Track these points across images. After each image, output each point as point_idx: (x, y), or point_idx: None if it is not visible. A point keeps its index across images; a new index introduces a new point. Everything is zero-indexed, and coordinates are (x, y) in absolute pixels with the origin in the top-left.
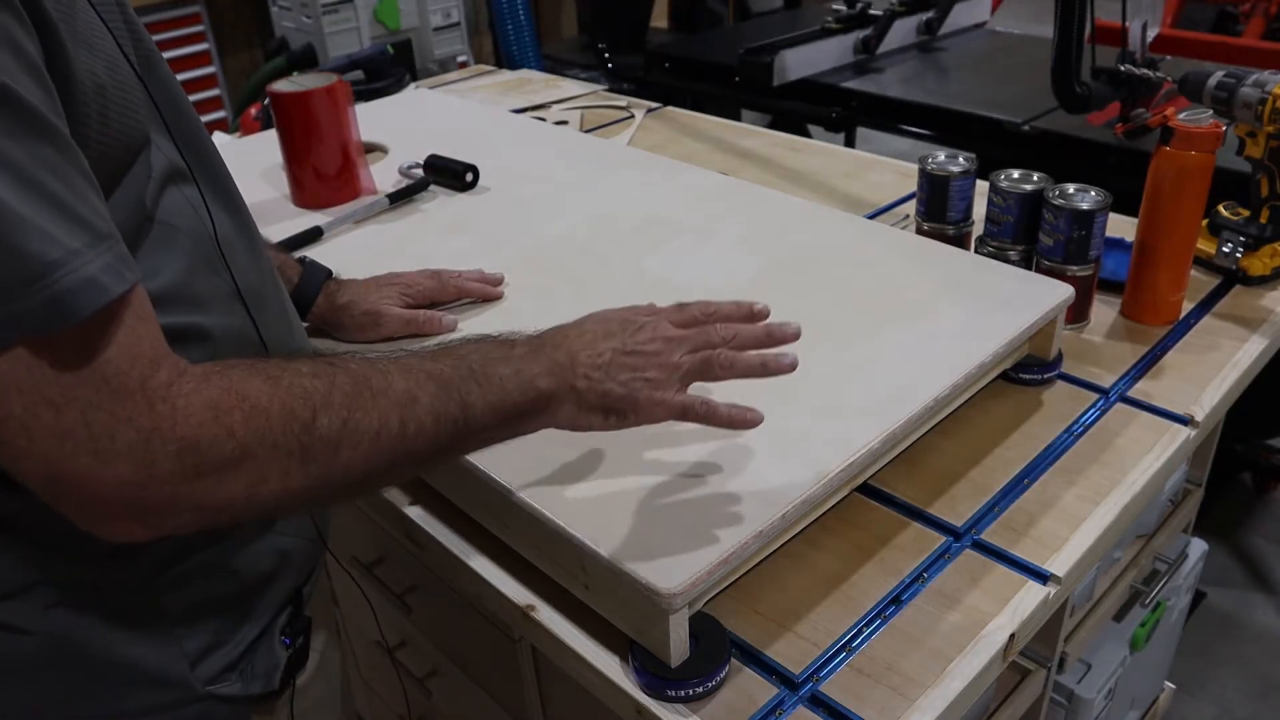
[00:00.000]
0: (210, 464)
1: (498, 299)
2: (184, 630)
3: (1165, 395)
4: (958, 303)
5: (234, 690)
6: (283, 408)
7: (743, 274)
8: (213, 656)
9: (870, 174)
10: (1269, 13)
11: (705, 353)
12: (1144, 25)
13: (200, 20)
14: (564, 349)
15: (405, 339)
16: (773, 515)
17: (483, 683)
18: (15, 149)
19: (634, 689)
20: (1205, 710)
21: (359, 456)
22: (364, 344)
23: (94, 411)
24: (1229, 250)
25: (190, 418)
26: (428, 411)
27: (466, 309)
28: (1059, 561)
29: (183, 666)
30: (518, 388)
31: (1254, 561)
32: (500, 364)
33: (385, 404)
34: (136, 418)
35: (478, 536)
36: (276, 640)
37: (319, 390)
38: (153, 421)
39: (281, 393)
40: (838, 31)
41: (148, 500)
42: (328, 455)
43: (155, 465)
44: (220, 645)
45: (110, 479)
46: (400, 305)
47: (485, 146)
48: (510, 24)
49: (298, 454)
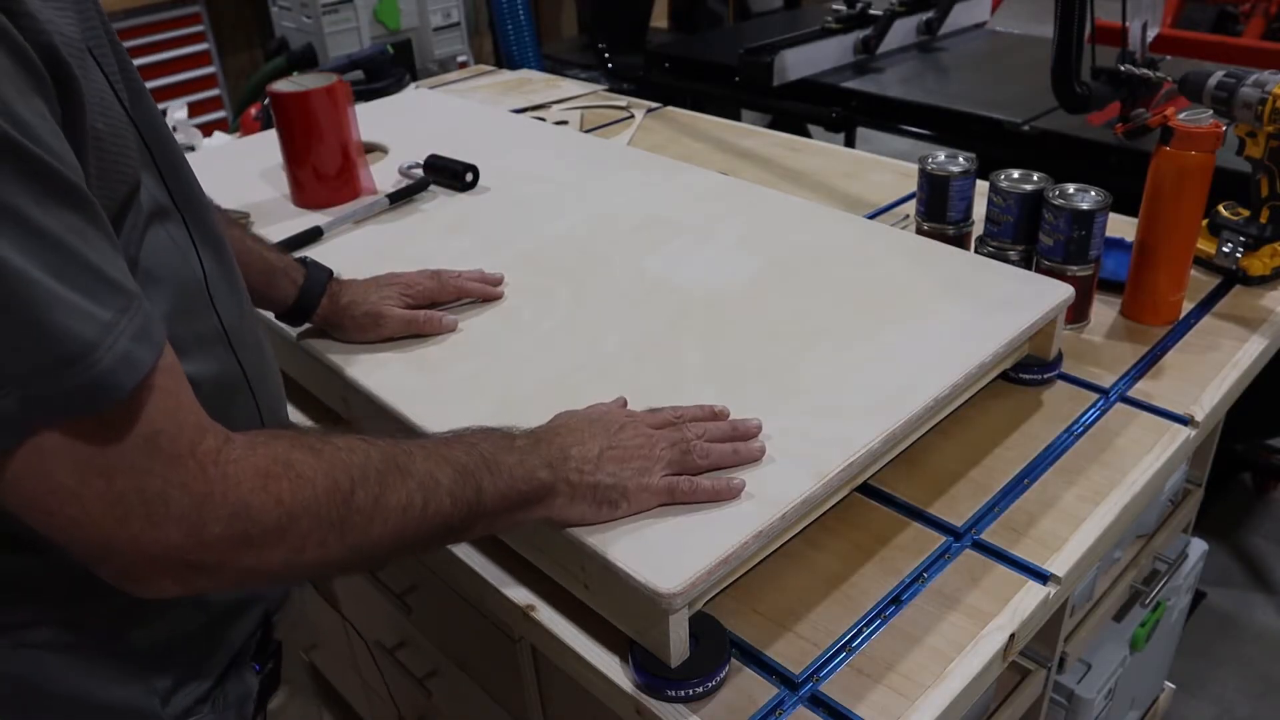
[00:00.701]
0: (259, 530)
1: (497, 299)
2: (154, 666)
3: (1165, 395)
4: (958, 303)
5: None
6: (326, 479)
7: (743, 274)
8: (183, 691)
9: (870, 174)
10: (1269, 13)
11: (683, 445)
12: (1144, 25)
13: (200, 20)
14: (557, 445)
15: (406, 338)
16: (773, 515)
17: (483, 683)
18: (47, 219)
19: (634, 689)
20: (1205, 710)
21: (388, 531)
22: (364, 343)
23: (147, 478)
24: (1229, 250)
25: (241, 484)
26: (447, 494)
27: (466, 309)
28: (1059, 561)
29: (154, 703)
30: (523, 478)
31: (1254, 561)
32: (506, 454)
33: (412, 484)
34: (190, 483)
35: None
36: (247, 668)
37: (357, 465)
38: (206, 487)
39: (324, 464)
40: (838, 31)
41: (195, 562)
42: (362, 528)
43: (206, 530)
44: (191, 679)
45: (162, 543)
46: (400, 305)
47: (485, 146)
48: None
49: (337, 525)
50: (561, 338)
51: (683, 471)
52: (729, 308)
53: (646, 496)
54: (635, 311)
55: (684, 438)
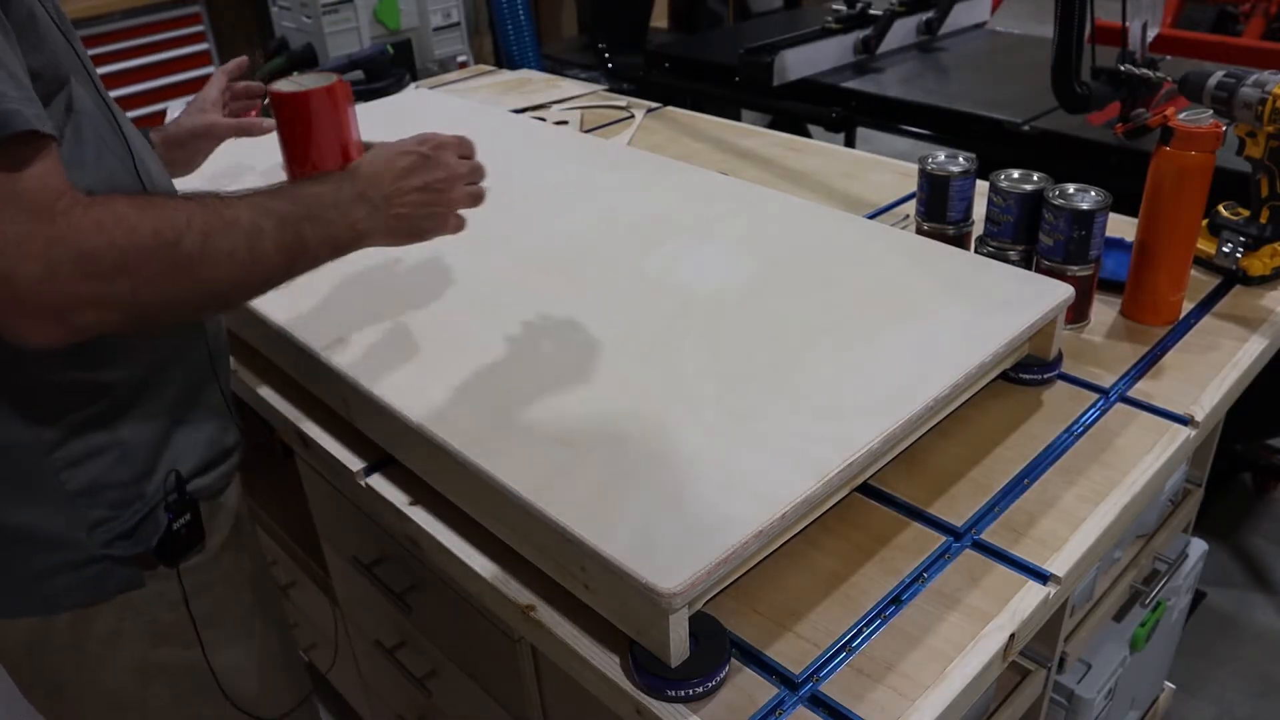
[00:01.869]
0: (100, 267)
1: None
2: (83, 503)
3: (1165, 395)
4: (958, 303)
5: (124, 551)
6: (152, 228)
7: (743, 274)
8: (107, 525)
9: (870, 174)
10: (1269, 13)
11: (473, 190)
12: (1144, 25)
13: (200, 20)
14: (378, 189)
15: (407, 337)
16: (773, 515)
17: (483, 683)
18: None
19: (634, 689)
20: (1205, 710)
21: (219, 275)
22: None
23: (10, 224)
24: (1229, 250)
25: (82, 231)
26: (272, 242)
27: (467, 309)
28: (1059, 561)
29: (81, 533)
30: (343, 228)
31: (1254, 561)
32: (330, 208)
33: (237, 233)
34: (43, 230)
35: (478, 536)
36: (161, 512)
37: (181, 218)
38: (55, 233)
39: (150, 217)
40: (838, 31)
41: (54, 296)
42: (191, 271)
43: (59, 267)
44: (114, 518)
45: (23, 277)
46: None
47: (485, 146)
48: (510, 24)
49: (168, 268)
50: (561, 337)
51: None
52: (729, 308)
53: (445, 233)
54: (635, 311)
55: (479, 192)
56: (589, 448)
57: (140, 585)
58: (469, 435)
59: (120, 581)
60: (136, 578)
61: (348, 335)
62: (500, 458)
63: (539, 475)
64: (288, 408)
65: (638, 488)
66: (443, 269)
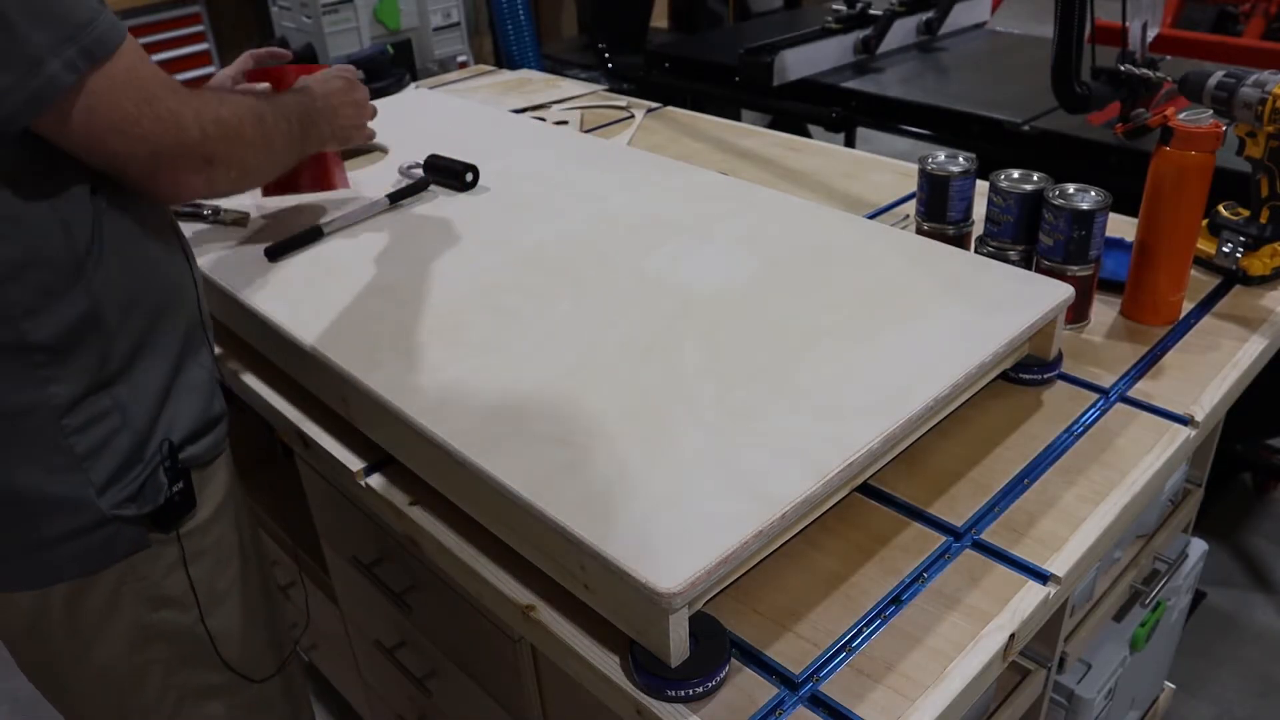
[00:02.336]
0: (228, 131)
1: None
2: (90, 465)
3: (1165, 395)
4: (958, 303)
5: (133, 511)
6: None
7: (743, 274)
8: (114, 489)
9: (870, 174)
10: (1269, 13)
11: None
12: (1144, 25)
13: (200, 20)
14: (328, 106)
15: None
16: (773, 515)
17: (483, 683)
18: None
19: (634, 689)
20: (1205, 710)
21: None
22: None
23: (169, 101)
24: (1229, 250)
25: (209, 104)
26: (298, 128)
27: (466, 309)
28: (1059, 561)
29: (90, 494)
30: (318, 136)
31: (1254, 561)
32: (315, 112)
33: (280, 123)
34: (188, 102)
35: (478, 536)
36: (160, 475)
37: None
38: (197, 106)
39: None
40: (838, 31)
41: (207, 154)
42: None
43: (206, 129)
44: (119, 480)
45: (188, 142)
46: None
47: (485, 146)
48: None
49: (259, 140)
50: (561, 337)
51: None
52: (729, 308)
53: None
54: (635, 311)
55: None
56: (589, 448)
57: (146, 546)
58: (469, 435)
59: (127, 544)
60: (142, 538)
61: (347, 335)
62: (500, 458)
63: (539, 475)
64: (288, 408)
65: (638, 488)
66: (443, 268)
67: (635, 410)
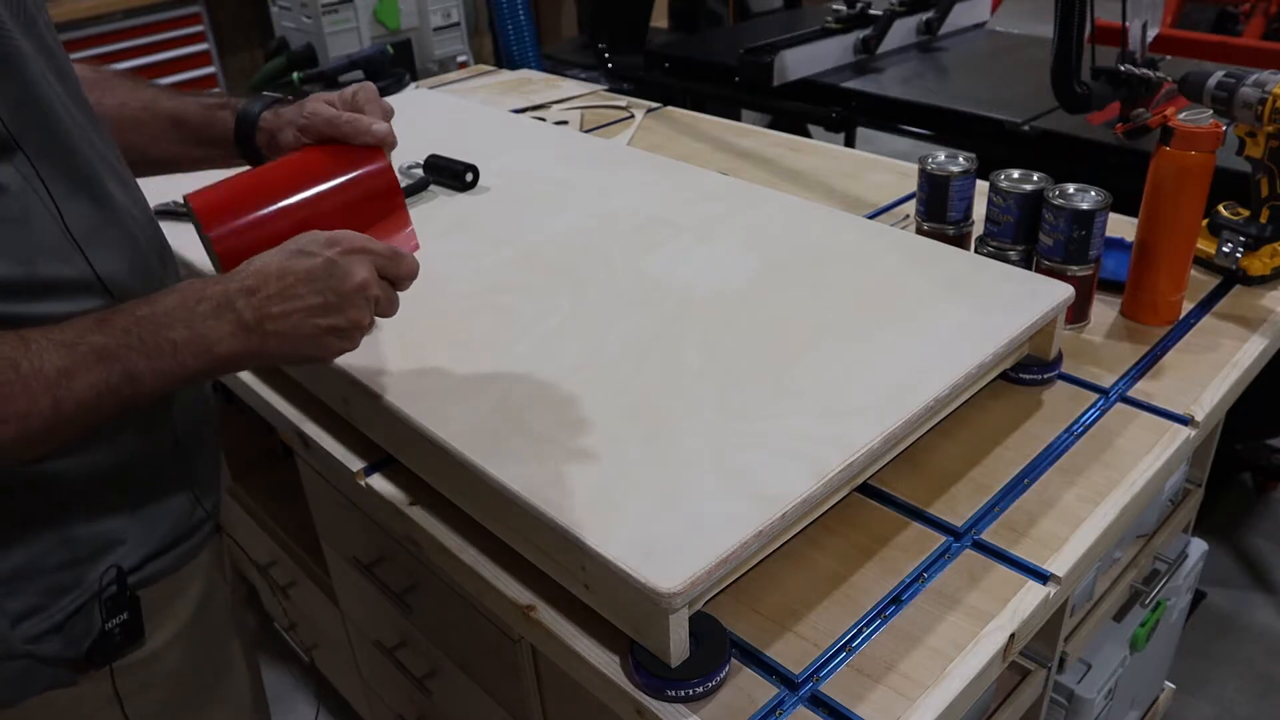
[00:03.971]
0: None
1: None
2: (6, 593)
3: (1165, 395)
4: (958, 303)
5: (53, 650)
6: None
7: (742, 274)
8: (35, 618)
9: (870, 174)
10: (1269, 13)
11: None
12: (1144, 25)
13: (200, 20)
14: (257, 306)
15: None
16: (773, 515)
17: (483, 683)
18: None
19: (634, 689)
20: (1205, 710)
21: (10, 433)
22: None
23: None
24: (1229, 250)
25: None
26: (87, 388)
27: (466, 309)
28: (1059, 561)
29: (3, 625)
30: (194, 355)
31: (1254, 561)
32: (178, 327)
33: (36, 386)
34: None
35: (478, 536)
36: (97, 611)
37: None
38: None
39: None
40: (838, 31)
41: None
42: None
43: None
44: (44, 608)
45: None
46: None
47: (485, 146)
48: (510, 24)
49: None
50: (561, 338)
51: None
52: (729, 308)
53: (338, 356)
54: (635, 311)
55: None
56: (589, 448)
57: (71, 684)
58: (469, 435)
59: (47, 678)
60: (66, 675)
61: None
62: (500, 458)
63: (539, 475)
64: (288, 408)
65: (638, 488)
66: (443, 268)
67: (635, 410)
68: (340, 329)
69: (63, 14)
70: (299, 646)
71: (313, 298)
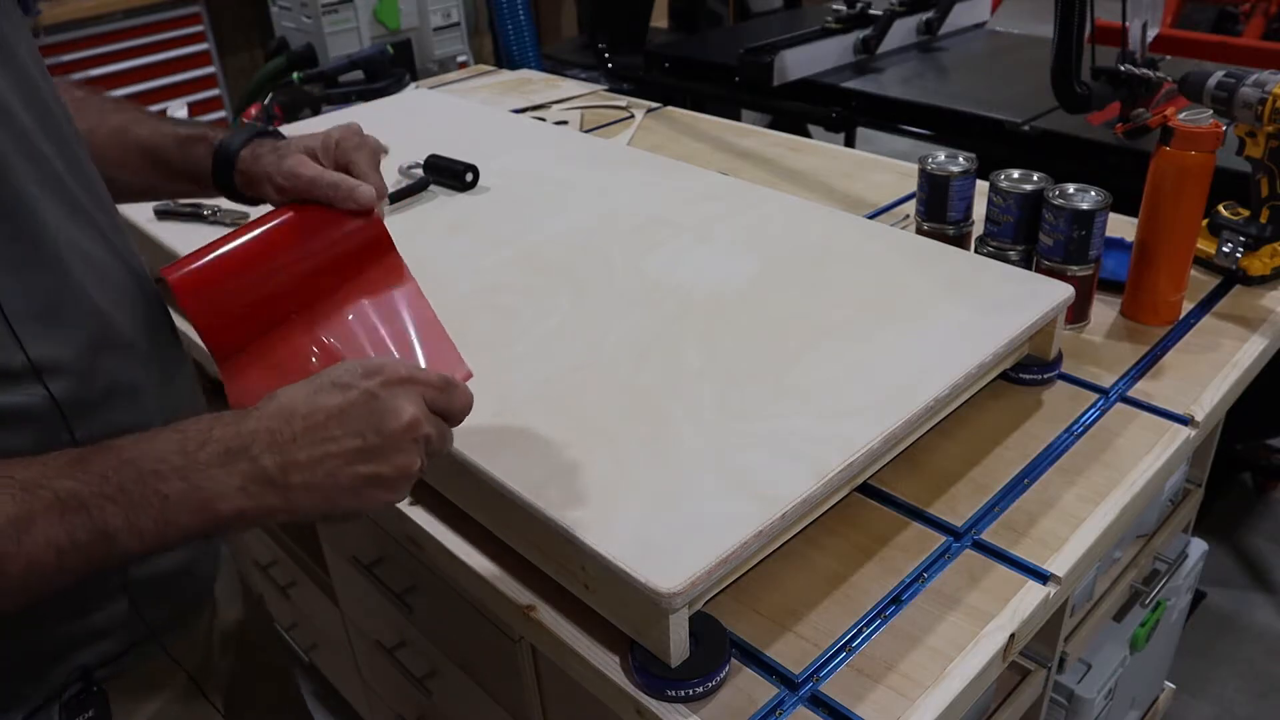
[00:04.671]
0: None
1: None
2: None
3: (1165, 395)
4: (958, 303)
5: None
6: None
7: (743, 274)
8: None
9: (870, 174)
10: (1269, 13)
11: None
12: (1144, 25)
13: (200, 20)
14: (280, 451)
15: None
16: (773, 515)
17: (483, 683)
18: None
19: (634, 689)
20: (1205, 710)
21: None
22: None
23: None
24: (1229, 250)
25: None
26: (44, 545)
27: (466, 308)
28: (1059, 561)
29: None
30: (190, 511)
31: (1254, 561)
32: (169, 478)
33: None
34: None
35: (478, 536)
36: (55, 713)
37: None
38: None
39: None
40: (838, 31)
41: None
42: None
43: None
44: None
45: None
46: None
47: (485, 146)
48: (510, 24)
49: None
50: (561, 338)
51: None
52: (729, 308)
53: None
54: (635, 311)
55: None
56: (589, 448)
57: None
58: (469, 435)
59: None
60: None
61: None
62: (500, 458)
63: (539, 475)
64: None
65: (638, 488)
66: (443, 268)
67: (635, 410)
68: (384, 478)
69: (63, 14)
70: (299, 646)
71: (350, 440)
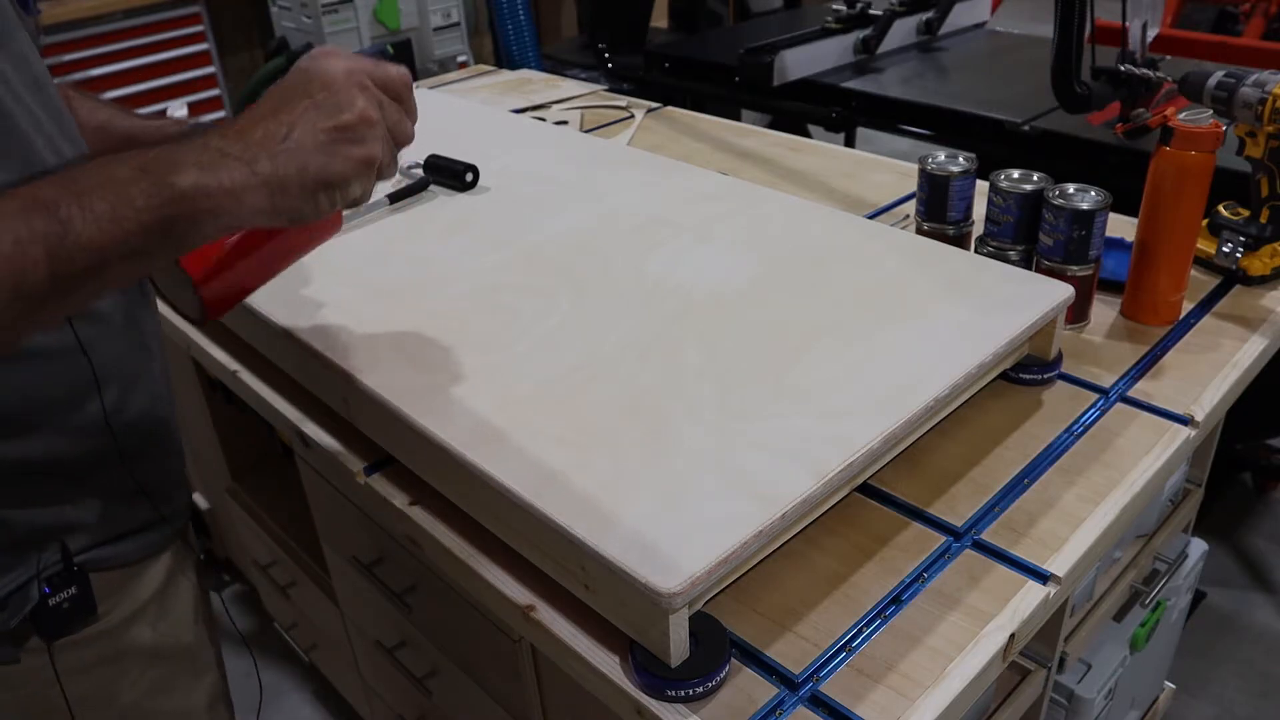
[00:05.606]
0: None
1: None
2: None
3: (1165, 395)
4: (958, 303)
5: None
6: None
7: (743, 274)
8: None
9: (870, 174)
10: (1269, 13)
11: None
12: (1144, 25)
13: (200, 20)
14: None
15: (407, 336)
16: (773, 515)
17: (483, 683)
18: None
19: (634, 689)
20: (1205, 710)
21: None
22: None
23: None
24: (1229, 250)
25: None
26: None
27: (466, 309)
28: (1059, 561)
29: None
30: (141, 190)
31: (1254, 561)
32: (124, 163)
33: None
34: None
35: (478, 536)
36: (36, 586)
37: None
38: None
39: None
40: (838, 31)
41: None
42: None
43: None
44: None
45: None
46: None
47: (485, 146)
48: (510, 24)
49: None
50: (561, 338)
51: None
52: (729, 308)
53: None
54: (635, 311)
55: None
56: (589, 448)
57: (14, 661)
58: (469, 435)
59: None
60: (9, 653)
61: (347, 335)
62: (500, 458)
63: (539, 475)
64: (288, 408)
65: (638, 488)
66: (443, 268)
67: (635, 410)
68: (348, 127)
69: (63, 14)
70: (299, 646)
71: (299, 102)
